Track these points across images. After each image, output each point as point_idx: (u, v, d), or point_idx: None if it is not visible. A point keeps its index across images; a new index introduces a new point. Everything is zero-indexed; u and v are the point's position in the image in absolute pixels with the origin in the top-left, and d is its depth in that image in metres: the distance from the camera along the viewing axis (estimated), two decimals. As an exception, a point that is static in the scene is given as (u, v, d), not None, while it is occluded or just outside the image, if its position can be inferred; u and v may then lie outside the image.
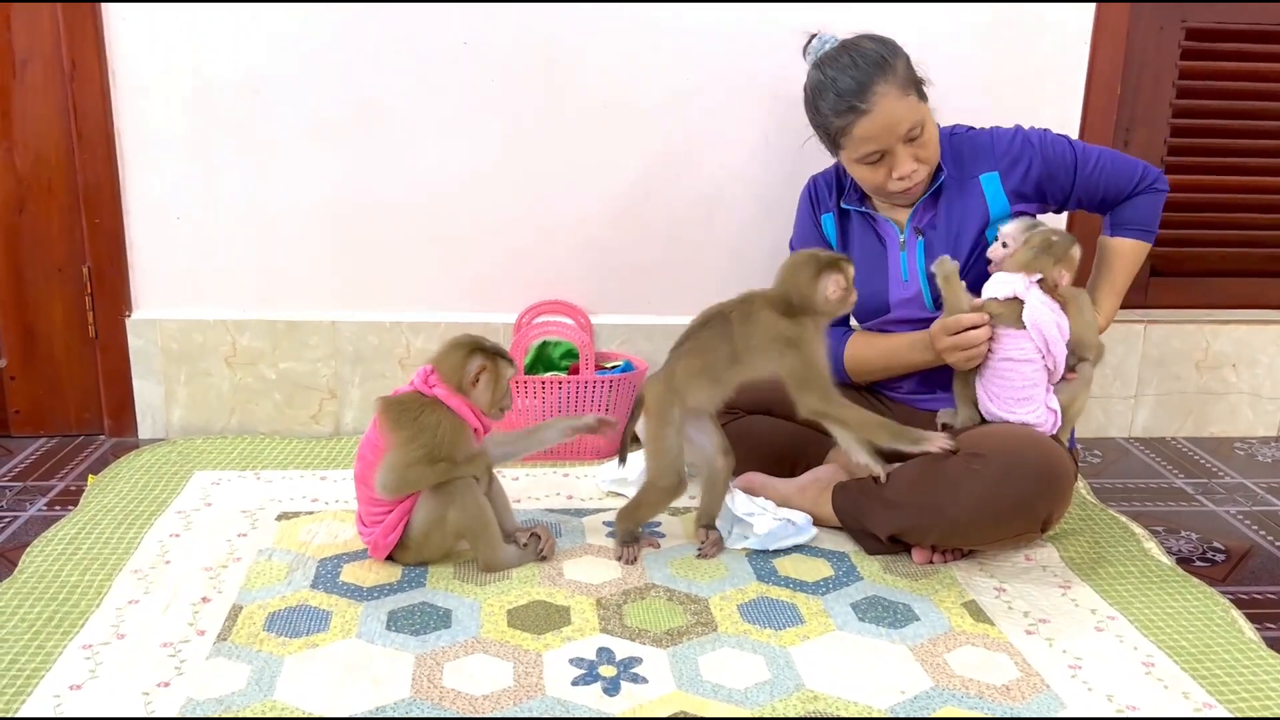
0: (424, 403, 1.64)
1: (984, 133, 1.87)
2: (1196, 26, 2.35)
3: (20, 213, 2.22)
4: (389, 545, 1.67)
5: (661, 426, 1.70)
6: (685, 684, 1.38)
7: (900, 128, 1.73)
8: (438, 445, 1.61)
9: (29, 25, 2.13)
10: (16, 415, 2.33)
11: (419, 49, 2.20)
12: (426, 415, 1.62)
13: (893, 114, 1.72)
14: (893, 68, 1.72)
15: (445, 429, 1.62)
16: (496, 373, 1.67)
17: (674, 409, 1.70)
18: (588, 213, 2.32)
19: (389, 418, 1.63)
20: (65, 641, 1.45)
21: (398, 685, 1.37)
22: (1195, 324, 2.48)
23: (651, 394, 1.72)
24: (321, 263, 2.31)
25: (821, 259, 1.70)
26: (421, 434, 1.60)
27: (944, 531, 1.71)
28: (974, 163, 1.84)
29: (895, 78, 1.72)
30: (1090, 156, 1.83)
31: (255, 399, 2.34)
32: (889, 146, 1.75)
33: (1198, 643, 1.52)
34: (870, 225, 1.91)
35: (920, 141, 1.76)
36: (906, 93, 1.73)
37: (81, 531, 1.80)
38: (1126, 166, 1.84)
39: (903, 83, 1.73)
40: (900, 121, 1.73)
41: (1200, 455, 2.39)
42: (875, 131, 1.73)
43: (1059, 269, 1.70)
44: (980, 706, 1.35)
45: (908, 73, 1.74)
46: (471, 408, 1.65)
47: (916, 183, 1.79)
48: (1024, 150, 1.82)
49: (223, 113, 2.20)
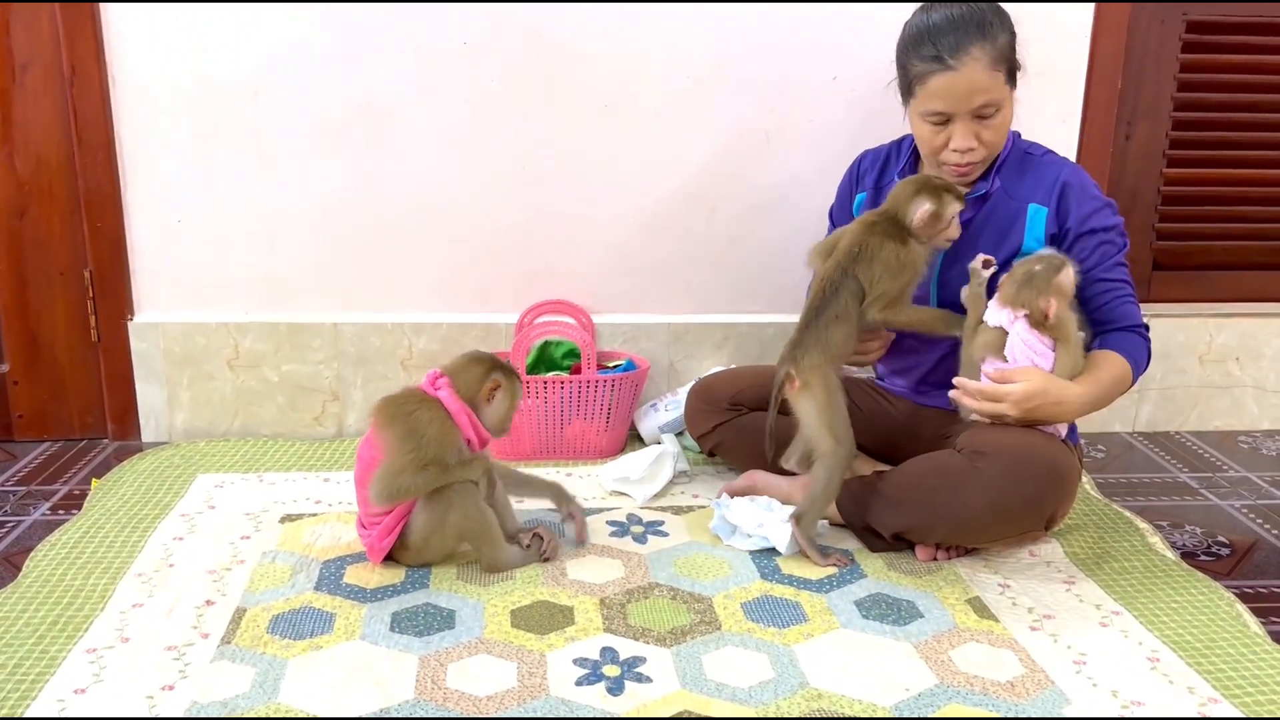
0: (420, 400, 1.65)
1: (1054, 160, 1.80)
2: (1197, 19, 2.34)
3: (21, 217, 2.22)
4: (384, 549, 1.67)
5: (830, 395, 1.71)
6: (689, 683, 1.38)
7: (975, 99, 1.68)
8: (424, 446, 1.60)
9: (29, 29, 2.13)
10: (20, 420, 2.33)
11: (418, 50, 2.19)
12: (419, 413, 1.63)
13: (974, 81, 1.66)
14: (994, 37, 1.67)
15: (434, 430, 1.62)
16: (511, 392, 1.70)
17: (834, 375, 1.71)
18: (588, 212, 2.32)
19: (382, 415, 1.64)
20: (69, 645, 1.46)
21: (402, 686, 1.37)
22: (1198, 318, 2.48)
23: (810, 371, 1.70)
24: (323, 265, 2.31)
25: (924, 181, 1.70)
26: (410, 436, 1.60)
27: (949, 530, 1.70)
28: (1032, 187, 1.77)
29: (992, 47, 1.66)
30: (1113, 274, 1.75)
31: (258, 402, 2.34)
32: (956, 112, 1.70)
33: (1202, 637, 1.52)
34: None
35: (990, 123, 1.71)
36: (997, 67, 1.67)
37: (85, 535, 1.81)
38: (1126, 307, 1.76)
39: (997, 56, 1.67)
40: (978, 92, 1.67)
41: (1204, 449, 2.39)
42: (950, 92, 1.68)
43: (1045, 299, 1.63)
44: (985, 703, 1.35)
45: (1007, 50, 1.69)
46: (471, 419, 1.66)
47: (970, 162, 1.74)
48: (1075, 206, 1.74)
49: (223, 115, 2.20)
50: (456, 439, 1.64)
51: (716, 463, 2.16)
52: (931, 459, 1.72)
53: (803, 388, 1.71)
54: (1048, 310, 1.63)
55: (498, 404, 1.69)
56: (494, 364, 1.69)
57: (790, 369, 1.71)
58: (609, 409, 2.18)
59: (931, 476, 1.69)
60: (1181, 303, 2.50)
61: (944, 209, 1.69)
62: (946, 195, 1.70)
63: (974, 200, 1.80)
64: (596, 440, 2.20)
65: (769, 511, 1.79)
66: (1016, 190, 1.78)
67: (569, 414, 2.17)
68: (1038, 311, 1.64)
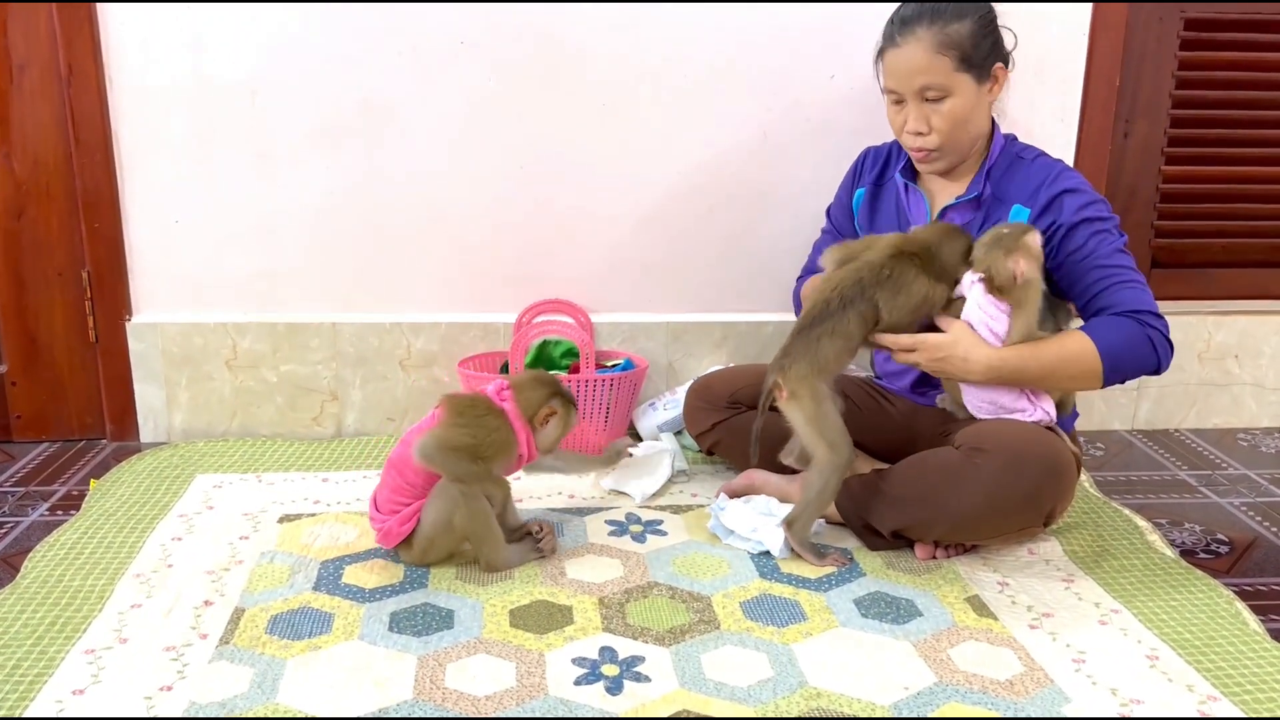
0: (491, 408, 1.70)
1: (1046, 162, 1.78)
2: (1195, 17, 2.34)
3: (19, 218, 2.22)
4: (401, 534, 1.68)
5: (819, 404, 1.68)
6: (688, 682, 1.38)
7: (916, 79, 1.70)
8: (487, 446, 1.65)
9: (26, 30, 2.13)
10: (18, 420, 2.33)
11: (416, 50, 2.19)
12: (489, 419, 1.68)
13: (913, 60, 1.69)
14: (946, 22, 1.68)
15: (498, 436, 1.67)
16: (565, 421, 1.74)
17: (823, 385, 1.69)
18: (588, 211, 2.32)
19: (453, 408, 1.68)
20: (68, 646, 1.46)
21: (400, 687, 1.37)
22: (1197, 315, 2.48)
23: (797, 381, 1.68)
24: (321, 265, 2.30)
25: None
26: (478, 433, 1.65)
27: (948, 527, 1.70)
28: (1019, 189, 1.76)
29: (940, 32, 1.68)
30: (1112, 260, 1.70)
31: (257, 402, 2.34)
32: (903, 91, 1.73)
33: (1202, 635, 1.52)
34: (903, 207, 1.89)
35: (938, 109, 1.72)
36: (941, 52, 1.68)
37: (84, 536, 1.81)
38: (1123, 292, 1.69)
39: (945, 41, 1.68)
40: (917, 72, 1.69)
41: (1203, 447, 2.39)
42: (894, 69, 1.73)
43: (1012, 260, 1.60)
44: (984, 702, 1.35)
45: (961, 38, 1.68)
46: (527, 434, 1.71)
47: (924, 148, 1.76)
48: (1066, 203, 1.72)
49: (221, 115, 2.20)
50: (513, 451, 1.69)
51: (715, 461, 2.16)
52: (930, 456, 1.72)
53: (790, 397, 1.69)
54: (1017, 271, 1.61)
55: (551, 429, 1.74)
56: (555, 390, 1.75)
57: (778, 378, 1.70)
58: (608, 408, 2.18)
59: (930, 473, 1.69)
60: (1180, 300, 2.50)
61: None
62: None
63: (965, 204, 1.80)
64: (595, 439, 2.20)
65: (766, 515, 1.79)
66: (1005, 193, 1.78)
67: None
68: (1001, 274, 1.62)
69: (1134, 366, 1.68)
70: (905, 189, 1.88)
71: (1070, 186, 1.73)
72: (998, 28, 1.76)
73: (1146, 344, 1.67)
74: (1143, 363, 1.68)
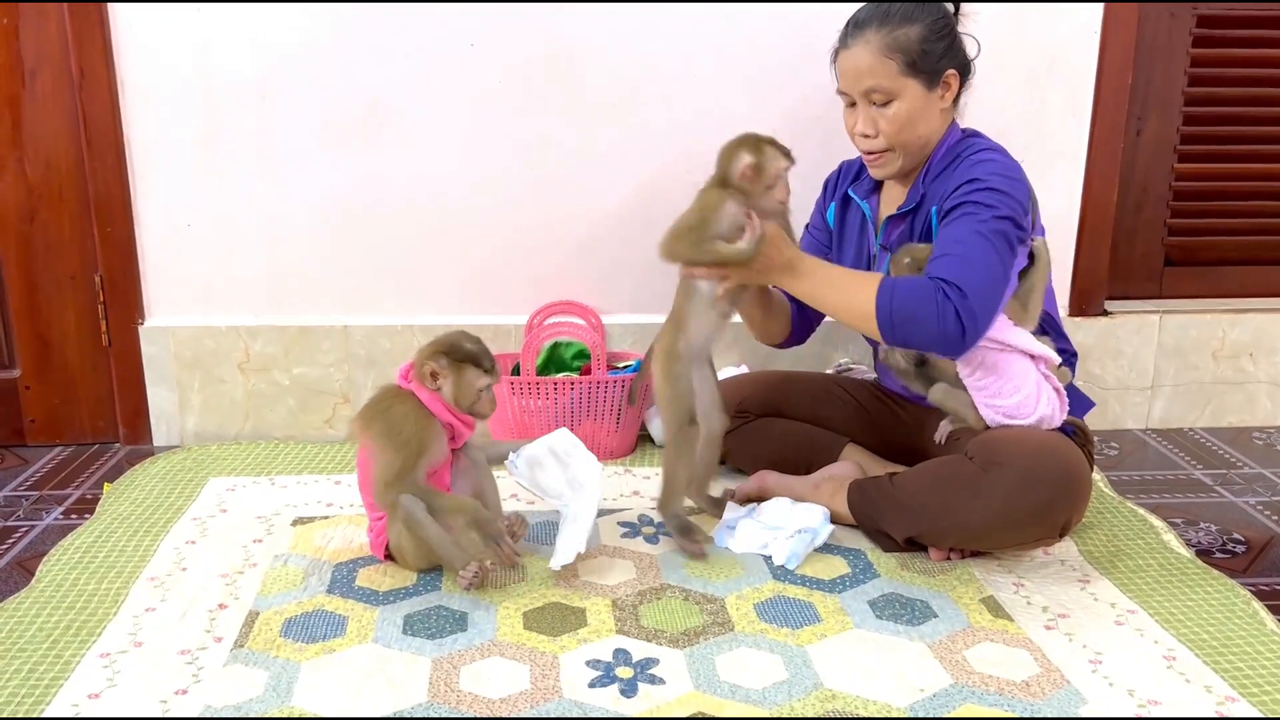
0: (394, 395, 1.65)
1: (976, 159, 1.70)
2: (1208, 13, 2.33)
3: (32, 222, 2.23)
4: (381, 545, 1.69)
5: (666, 385, 1.74)
6: (702, 684, 1.38)
7: (862, 80, 1.70)
8: (406, 441, 1.60)
9: (37, 35, 2.14)
10: (31, 424, 2.34)
11: (424, 52, 2.20)
12: (394, 408, 1.63)
13: (859, 62, 1.70)
14: (894, 26, 1.67)
15: (411, 423, 1.61)
16: (458, 379, 1.64)
17: (676, 365, 1.73)
18: (598, 213, 2.31)
19: (360, 420, 1.65)
20: (83, 650, 1.46)
21: (415, 689, 1.36)
22: (1211, 313, 2.46)
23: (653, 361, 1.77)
24: (332, 267, 2.31)
25: (748, 136, 1.68)
26: (389, 433, 1.61)
27: (960, 537, 1.69)
28: (945, 188, 1.70)
29: (888, 35, 1.67)
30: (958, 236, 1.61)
31: (269, 405, 2.35)
32: (851, 92, 1.73)
33: (1219, 635, 1.51)
34: (865, 224, 1.89)
35: (885, 112, 1.71)
36: (888, 55, 1.67)
37: (98, 540, 1.81)
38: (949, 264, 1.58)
39: (891, 45, 1.67)
40: (863, 74, 1.69)
41: (1218, 445, 2.38)
42: (843, 70, 1.74)
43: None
44: (1000, 703, 1.34)
45: (909, 42, 1.67)
46: (444, 404, 1.65)
47: (873, 151, 1.75)
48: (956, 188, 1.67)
49: (231, 118, 2.21)
50: (435, 429, 1.63)
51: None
52: (943, 465, 1.70)
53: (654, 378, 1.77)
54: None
55: (447, 387, 1.64)
56: (443, 347, 1.63)
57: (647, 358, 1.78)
58: (619, 410, 2.18)
59: (943, 484, 1.67)
60: (1194, 298, 2.49)
61: (766, 161, 1.65)
62: (770, 149, 1.66)
63: (903, 215, 1.78)
64: (607, 441, 2.20)
65: (773, 530, 1.77)
66: (934, 193, 1.74)
67: (579, 415, 2.17)
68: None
69: (916, 332, 1.58)
70: (846, 204, 1.89)
71: (971, 176, 1.66)
72: (954, 33, 1.73)
73: (933, 310, 1.54)
74: (929, 326, 1.55)
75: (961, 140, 1.76)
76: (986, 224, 1.60)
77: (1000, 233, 1.60)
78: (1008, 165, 1.68)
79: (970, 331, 1.55)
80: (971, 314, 1.54)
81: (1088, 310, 2.42)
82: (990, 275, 1.57)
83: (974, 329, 1.56)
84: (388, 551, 1.70)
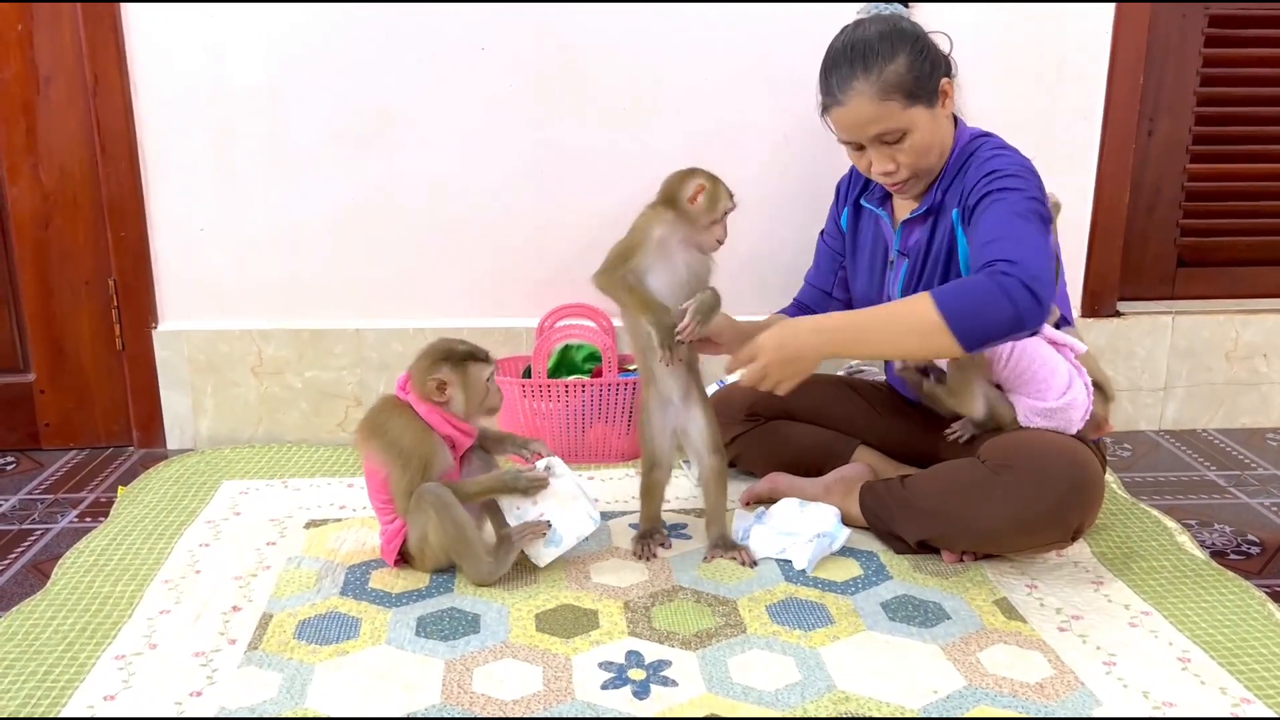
0: (392, 408, 1.65)
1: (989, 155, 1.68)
2: (1220, 13, 2.32)
3: (46, 227, 2.24)
4: (393, 550, 1.69)
5: (641, 413, 1.75)
6: (715, 686, 1.38)
7: (869, 129, 1.66)
8: (408, 456, 1.60)
9: (51, 42, 2.15)
10: (46, 428, 2.35)
11: (435, 55, 2.20)
12: (392, 421, 1.63)
13: (860, 114, 1.65)
14: (880, 67, 1.62)
15: (409, 437, 1.61)
16: (464, 379, 1.63)
17: (648, 391, 1.72)
18: (608, 215, 2.30)
19: (360, 433, 1.65)
20: (98, 652, 1.47)
21: (428, 691, 1.37)
22: (1224, 314, 2.45)
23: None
24: (344, 271, 2.32)
25: (700, 169, 1.67)
26: (390, 448, 1.61)
27: (972, 540, 1.69)
28: (957, 194, 1.70)
29: (878, 79, 1.62)
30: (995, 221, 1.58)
31: (282, 408, 2.36)
32: (860, 140, 1.70)
33: (1234, 637, 1.50)
34: (879, 229, 1.89)
35: (900, 147, 1.67)
36: (887, 97, 1.63)
37: (112, 543, 1.82)
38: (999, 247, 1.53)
39: (886, 87, 1.62)
40: (869, 123, 1.65)
41: (1232, 447, 2.37)
42: (844, 125, 1.69)
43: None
44: (1014, 705, 1.34)
45: (902, 76, 1.63)
46: (444, 416, 1.64)
47: (899, 180, 1.72)
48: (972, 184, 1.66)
49: (244, 123, 2.22)
50: (434, 441, 1.63)
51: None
52: (955, 468, 1.69)
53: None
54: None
55: (455, 397, 1.63)
56: (438, 357, 1.63)
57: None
58: (630, 412, 2.18)
59: (955, 488, 1.67)
60: (1207, 299, 2.48)
61: (719, 192, 1.65)
62: (722, 184, 1.66)
63: (919, 217, 1.77)
64: (618, 444, 2.20)
65: (789, 535, 1.75)
66: (953, 194, 1.72)
67: (590, 417, 2.17)
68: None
69: (990, 321, 1.49)
70: (882, 225, 1.87)
71: (990, 170, 1.64)
72: (930, 45, 1.68)
73: (997, 293, 1.48)
74: (1002, 308, 1.48)
75: (973, 140, 1.74)
76: (1017, 205, 1.58)
77: (1034, 211, 1.58)
78: (1023, 161, 1.67)
79: (1043, 297, 1.48)
80: (1035, 279, 1.48)
81: (1100, 311, 2.42)
82: (1036, 245, 1.53)
83: (1044, 294, 1.48)
84: (398, 557, 1.70)
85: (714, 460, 1.74)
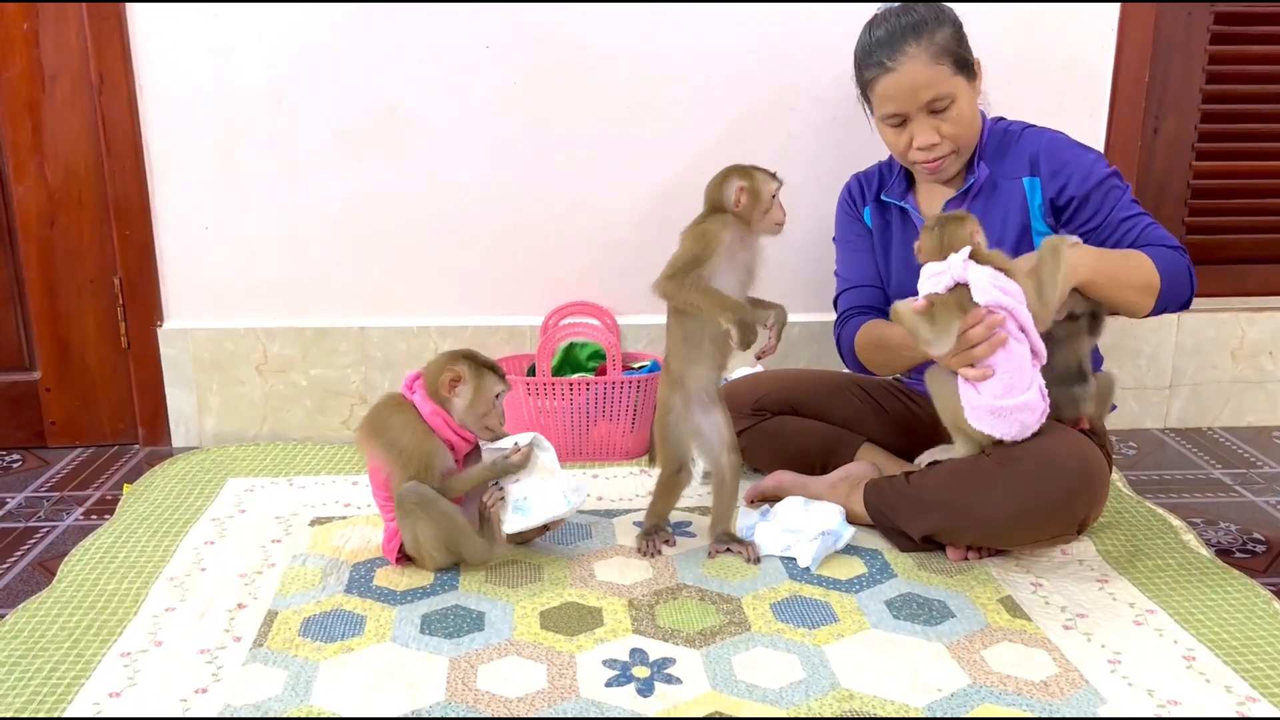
0: (395, 406, 1.65)
1: (1034, 132, 1.81)
2: (1226, 11, 2.31)
3: (52, 226, 2.25)
4: (393, 549, 1.70)
5: (663, 414, 1.72)
6: (719, 684, 1.38)
7: (922, 94, 1.71)
8: (407, 458, 1.61)
9: (57, 41, 2.16)
10: (52, 426, 2.36)
11: (439, 55, 2.21)
12: (393, 419, 1.64)
13: (916, 77, 1.71)
14: (930, 33, 1.71)
15: (409, 437, 1.62)
16: (478, 384, 1.64)
17: (675, 395, 1.71)
18: (613, 214, 2.32)
19: (361, 430, 1.66)
20: (104, 650, 1.47)
21: (432, 688, 1.37)
22: (1230, 312, 2.45)
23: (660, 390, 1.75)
24: (349, 269, 2.32)
25: (733, 166, 1.68)
26: (390, 449, 1.62)
27: (977, 534, 1.69)
28: (1018, 163, 1.79)
29: (930, 43, 1.70)
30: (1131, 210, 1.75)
31: (286, 406, 2.36)
32: (908, 111, 1.74)
33: (1239, 635, 1.50)
34: (907, 221, 1.89)
35: (947, 116, 1.74)
36: (938, 61, 1.71)
37: (118, 540, 1.82)
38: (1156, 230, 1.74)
39: (937, 50, 1.70)
40: (922, 87, 1.71)
41: (1238, 445, 2.36)
42: (896, 92, 1.73)
43: (968, 230, 1.59)
44: (1019, 703, 1.33)
45: (949, 43, 1.72)
46: (446, 419, 1.64)
47: (939, 157, 1.77)
48: (1073, 168, 1.75)
49: (249, 122, 2.22)
50: (433, 442, 1.63)
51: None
52: (960, 462, 1.69)
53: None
54: (976, 240, 1.59)
55: (462, 396, 1.63)
56: (459, 356, 1.65)
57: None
58: (634, 410, 2.18)
59: (960, 480, 1.67)
60: (1213, 297, 2.47)
61: (758, 184, 1.65)
62: (759, 173, 1.67)
63: (959, 198, 1.81)
64: (622, 442, 2.20)
65: (794, 532, 1.76)
66: (1003, 170, 1.79)
67: (594, 416, 2.17)
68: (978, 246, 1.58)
69: (1175, 293, 1.70)
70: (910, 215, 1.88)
71: (1069, 150, 1.77)
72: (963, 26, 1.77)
73: (1185, 273, 1.71)
74: (1181, 290, 1.71)
75: (997, 122, 1.83)
76: (1125, 188, 1.77)
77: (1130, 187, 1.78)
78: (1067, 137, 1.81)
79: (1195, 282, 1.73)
80: (1191, 265, 1.72)
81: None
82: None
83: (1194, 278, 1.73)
84: (399, 555, 1.70)
85: (732, 458, 1.75)
